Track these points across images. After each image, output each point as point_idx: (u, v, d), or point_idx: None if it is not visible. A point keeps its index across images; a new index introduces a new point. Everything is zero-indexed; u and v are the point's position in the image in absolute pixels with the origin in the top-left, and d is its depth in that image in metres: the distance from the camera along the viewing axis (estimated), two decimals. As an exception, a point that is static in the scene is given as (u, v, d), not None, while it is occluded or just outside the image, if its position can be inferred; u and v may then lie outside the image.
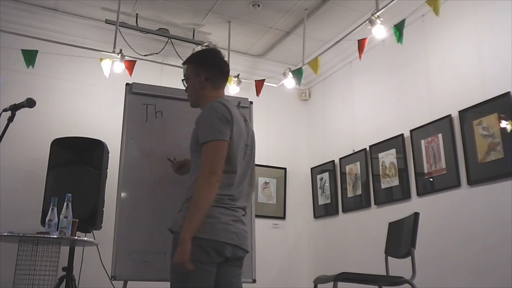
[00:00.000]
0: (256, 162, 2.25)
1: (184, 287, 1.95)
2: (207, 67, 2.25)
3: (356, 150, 4.47)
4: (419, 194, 3.69)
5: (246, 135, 2.20)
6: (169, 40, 4.67)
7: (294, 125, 5.34)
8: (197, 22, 4.60)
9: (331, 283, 2.55)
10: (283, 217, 4.99)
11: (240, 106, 2.31)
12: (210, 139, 2.00)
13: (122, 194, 2.80)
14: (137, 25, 4.46)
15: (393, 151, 4.00)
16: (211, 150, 1.99)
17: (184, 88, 2.34)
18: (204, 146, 2.01)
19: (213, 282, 2.00)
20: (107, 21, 4.35)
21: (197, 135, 2.09)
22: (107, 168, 3.63)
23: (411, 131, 3.83)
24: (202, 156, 2.00)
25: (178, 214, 2.09)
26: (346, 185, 4.55)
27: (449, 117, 3.50)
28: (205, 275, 1.95)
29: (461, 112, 3.40)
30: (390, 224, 3.13)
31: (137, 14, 4.41)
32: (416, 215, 2.73)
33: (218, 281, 2.03)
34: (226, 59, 2.36)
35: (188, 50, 4.73)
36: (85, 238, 3.32)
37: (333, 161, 4.80)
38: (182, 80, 2.34)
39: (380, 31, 3.56)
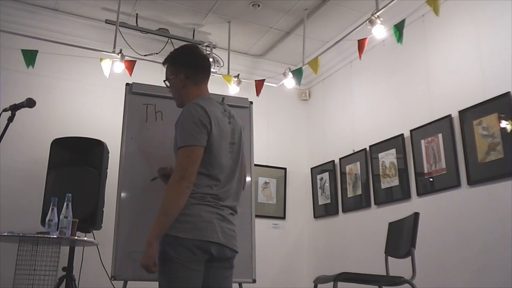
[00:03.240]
0: (256, 162, 2.25)
1: (172, 286, 1.94)
2: (186, 65, 2.22)
3: (356, 150, 4.47)
4: (419, 194, 3.69)
5: (231, 132, 2.17)
6: (169, 40, 4.67)
7: (294, 125, 5.34)
8: (197, 22, 4.60)
9: (331, 283, 2.55)
10: (283, 217, 4.99)
11: (223, 103, 2.27)
12: (183, 145, 1.99)
13: (122, 194, 2.80)
14: (137, 25, 4.46)
15: (393, 151, 4.00)
16: (183, 156, 1.98)
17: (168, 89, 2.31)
18: (179, 151, 2.01)
19: (201, 280, 1.98)
20: (107, 21, 4.35)
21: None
22: (107, 168, 3.63)
23: (411, 131, 3.83)
24: (176, 161, 2.01)
25: None
26: (346, 185, 4.55)
27: (449, 117, 3.50)
28: (192, 274, 1.94)
29: (461, 112, 3.41)
30: (390, 224, 3.13)
31: (137, 14, 4.41)
32: (416, 215, 2.73)
33: (207, 283, 2.02)
34: (208, 54, 2.34)
35: (188, 50, 4.74)
36: (85, 238, 3.32)
37: (333, 161, 4.80)
38: (164, 81, 2.31)
39: (380, 31, 3.56)
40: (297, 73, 4.37)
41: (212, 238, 1.97)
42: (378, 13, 3.52)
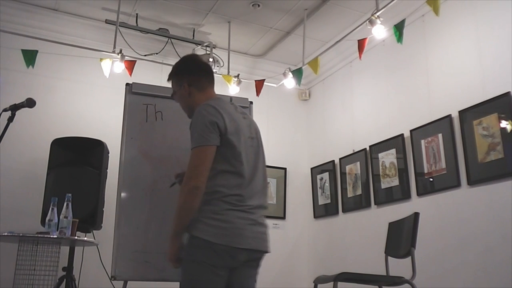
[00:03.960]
0: (256, 162, 2.28)
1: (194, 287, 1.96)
2: (187, 74, 2.26)
3: (356, 150, 4.47)
4: (419, 194, 3.69)
5: (248, 128, 2.17)
6: (169, 40, 4.67)
7: (294, 125, 5.34)
8: (197, 22, 4.60)
9: (331, 283, 2.55)
10: (283, 217, 4.99)
11: (233, 103, 2.28)
12: (193, 146, 2.01)
13: (122, 194, 2.80)
14: (137, 25, 4.46)
15: (393, 151, 4.00)
16: (193, 156, 2.01)
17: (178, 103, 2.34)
18: (190, 153, 2.02)
19: (223, 286, 1.99)
20: (107, 21, 4.35)
21: None
22: (107, 168, 3.63)
23: (411, 131, 3.83)
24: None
25: (195, 218, 2.06)
26: (346, 185, 4.55)
27: (449, 117, 3.50)
28: (216, 279, 1.95)
29: (461, 112, 3.41)
30: (390, 224, 3.13)
31: (137, 14, 4.41)
32: (416, 215, 2.73)
33: (231, 281, 2.03)
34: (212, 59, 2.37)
35: (188, 50, 4.74)
36: (85, 238, 3.32)
37: (333, 161, 4.80)
38: (171, 96, 2.34)
39: (380, 31, 3.56)
40: (297, 73, 4.37)
41: (242, 245, 1.97)
42: (378, 13, 3.51)
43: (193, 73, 2.26)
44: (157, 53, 4.63)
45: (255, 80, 4.62)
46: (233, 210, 1.98)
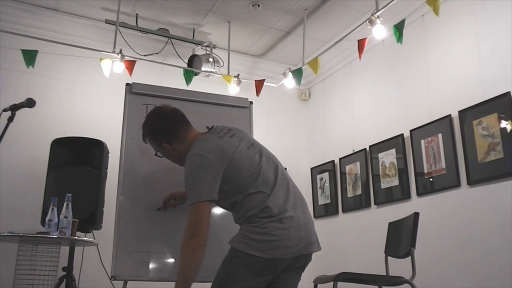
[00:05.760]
0: (256, 162, 2.28)
1: None
2: (162, 135, 2.24)
3: (356, 150, 4.47)
4: (419, 194, 3.69)
5: (241, 141, 2.16)
6: (169, 40, 4.67)
7: (294, 125, 5.34)
8: (197, 22, 4.60)
9: (331, 283, 2.56)
10: (283, 217, 4.98)
11: (213, 129, 2.25)
12: (190, 203, 2.02)
13: (122, 194, 2.80)
14: (137, 25, 4.46)
15: (393, 151, 4.00)
16: (191, 213, 2.01)
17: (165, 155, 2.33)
18: (189, 208, 2.02)
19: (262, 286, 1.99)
20: (107, 21, 4.35)
21: None
22: (107, 168, 3.62)
23: (411, 131, 3.83)
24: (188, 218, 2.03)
25: (238, 232, 2.07)
26: (346, 185, 4.56)
27: (449, 117, 3.50)
28: (254, 283, 1.96)
29: (461, 112, 3.41)
30: (390, 224, 3.13)
31: (137, 14, 4.41)
32: (416, 215, 2.73)
33: (274, 285, 2.03)
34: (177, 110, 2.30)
35: (188, 50, 4.74)
36: (85, 238, 3.32)
37: (333, 161, 4.80)
38: (155, 154, 2.34)
39: (380, 31, 3.56)
40: (297, 73, 4.37)
41: (285, 255, 1.97)
42: (378, 13, 3.51)
43: (168, 131, 2.23)
44: (157, 53, 4.63)
45: (255, 80, 4.62)
46: (272, 221, 1.96)
